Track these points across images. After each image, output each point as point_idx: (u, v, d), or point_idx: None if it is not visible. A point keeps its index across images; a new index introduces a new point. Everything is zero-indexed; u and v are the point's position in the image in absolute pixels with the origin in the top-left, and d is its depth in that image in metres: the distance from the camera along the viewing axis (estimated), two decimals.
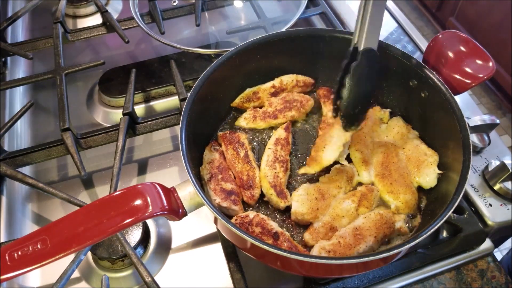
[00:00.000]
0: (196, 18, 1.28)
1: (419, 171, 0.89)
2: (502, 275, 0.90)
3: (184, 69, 1.18)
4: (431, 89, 0.90)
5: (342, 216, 0.84)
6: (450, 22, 3.38)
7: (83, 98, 1.22)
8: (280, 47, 1.01)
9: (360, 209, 0.85)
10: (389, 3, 1.40)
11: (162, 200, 0.71)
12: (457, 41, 0.91)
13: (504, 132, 3.09)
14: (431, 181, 0.88)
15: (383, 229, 0.80)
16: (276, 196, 0.87)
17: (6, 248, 0.63)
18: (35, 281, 0.90)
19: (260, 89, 1.04)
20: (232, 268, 0.85)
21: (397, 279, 0.88)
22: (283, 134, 0.97)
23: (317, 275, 0.85)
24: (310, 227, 0.84)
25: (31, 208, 1.01)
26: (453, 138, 0.83)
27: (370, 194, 0.87)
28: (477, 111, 1.11)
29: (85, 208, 0.68)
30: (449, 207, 0.72)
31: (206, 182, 0.88)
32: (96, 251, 0.86)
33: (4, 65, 1.28)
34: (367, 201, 0.86)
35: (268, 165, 0.91)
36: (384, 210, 0.85)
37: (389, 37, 1.30)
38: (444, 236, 0.93)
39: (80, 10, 1.41)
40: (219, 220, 0.71)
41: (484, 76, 0.86)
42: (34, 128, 1.17)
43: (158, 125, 1.06)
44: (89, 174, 1.06)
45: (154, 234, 0.93)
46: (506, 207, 0.94)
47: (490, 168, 0.97)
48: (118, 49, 1.36)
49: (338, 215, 0.84)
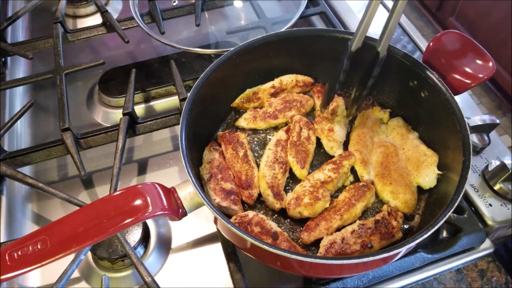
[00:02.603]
0: (196, 18, 1.28)
1: (418, 171, 0.89)
2: (502, 275, 0.90)
3: (184, 69, 1.18)
4: (431, 89, 0.90)
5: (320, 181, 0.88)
6: (450, 22, 3.38)
7: (83, 98, 1.22)
8: (280, 47, 1.01)
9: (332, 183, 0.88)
10: (389, 3, 1.40)
11: (162, 200, 0.71)
12: (457, 41, 0.91)
13: (504, 132, 3.09)
14: (430, 181, 0.88)
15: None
16: (272, 197, 0.87)
17: (6, 248, 0.63)
18: (35, 281, 0.90)
19: (260, 89, 1.04)
20: (232, 268, 0.85)
21: (397, 279, 0.88)
22: (284, 136, 0.97)
23: (317, 275, 0.85)
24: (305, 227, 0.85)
25: (31, 208, 1.01)
26: (453, 138, 0.83)
27: (346, 161, 0.91)
28: (477, 111, 1.11)
29: (85, 208, 0.68)
30: (449, 207, 0.72)
31: (206, 182, 0.88)
32: (96, 251, 0.86)
33: (4, 65, 1.28)
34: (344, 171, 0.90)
35: (267, 166, 0.91)
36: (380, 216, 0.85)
37: None
38: (444, 236, 0.93)
39: (80, 10, 1.41)
40: (219, 220, 0.71)
41: (484, 76, 0.87)
42: (34, 128, 1.17)
43: (158, 125, 1.06)
44: (89, 174, 1.06)
45: (154, 234, 0.93)
46: (506, 207, 0.94)
47: (490, 168, 0.97)
48: (118, 49, 1.36)
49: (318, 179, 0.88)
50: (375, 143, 0.96)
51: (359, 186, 0.89)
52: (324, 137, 0.97)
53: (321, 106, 0.99)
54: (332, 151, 0.96)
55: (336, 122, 0.99)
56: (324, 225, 0.83)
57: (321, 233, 0.82)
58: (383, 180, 0.89)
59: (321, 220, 0.84)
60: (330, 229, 0.83)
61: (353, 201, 0.86)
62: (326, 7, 1.36)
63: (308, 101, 1.03)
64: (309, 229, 0.83)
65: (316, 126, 1.00)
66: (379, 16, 0.86)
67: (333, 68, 1.06)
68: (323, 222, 0.83)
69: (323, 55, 1.04)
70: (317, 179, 0.89)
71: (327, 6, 1.37)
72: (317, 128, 0.99)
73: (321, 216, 0.85)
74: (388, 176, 0.89)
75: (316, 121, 1.00)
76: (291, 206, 0.85)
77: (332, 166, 0.91)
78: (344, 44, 0.88)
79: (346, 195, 0.88)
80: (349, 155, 0.93)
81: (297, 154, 0.93)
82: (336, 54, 1.03)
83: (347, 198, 0.87)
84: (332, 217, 0.84)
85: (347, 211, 0.84)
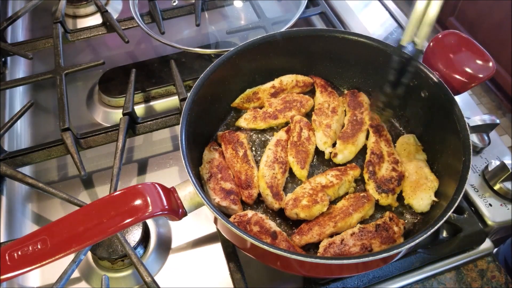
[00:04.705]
0: (196, 18, 1.28)
1: (414, 193, 0.88)
2: (502, 275, 0.90)
3: (184, 69, 1.18)
4: (431, 89, 0.90)
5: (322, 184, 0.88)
6: (450, 22, 3.38)
7: (83, 98, 1.22)
8: (280, 47, 1.01)
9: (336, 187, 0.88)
10: (389, 3, 1.40)
11: (162, 200, 0.71)
12: (457, 41, 0.91)
13: (504, 132, 3.09)
14: (424, 206, 0.86)
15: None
16: (271, 197, 0.87)
17: (6, 248, 0.63)
18: (35, 281, 0.90)
19: (260, 89, 1.04)
20: (232, 268, 0.85)
21: (397, 279, 0.88)
22: (284, 136, 0.97)
23: (317, 275, 0.85)
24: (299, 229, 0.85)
25: (31, 208, 1.01)
26: (453, 138, 0.83)
27: (351, 171, 0.91)
28: (477, 111, 1.11)
29: (85, 208, 0.68)
30: (449, 207, 0.72)
31: (206, 182, 0.88)
32: (96, 251, 0.86)
33: (4, 65, 1.28)
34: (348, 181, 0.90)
35: (267, 165, 0.91)
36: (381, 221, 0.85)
37: (389, 37, 1.30)
38: (444, 236, 0.93)
39: (80, 10, 1.41)
40: (219, 220, 0.71)
41: (484, 76, 0.86)
42: (34, 128, 1.17)
43: (158, 125, 1.06)
44: (89, 174, 1.06)
45: (154, 234, 0.93)
46: (506, 207, 0.94)
47: (490, 168, 0.97)
48: (118, 49, 1.36)
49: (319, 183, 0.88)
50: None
51: (359, 196, 0.88)
52: (320, 130, 0.97)
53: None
54: (324, 147, 0.96)
55: (335, 120, 0.99)
56: (316, 230, 0.82)
57: (312, 238, 0.82)
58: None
59: (315, 224, 0.83)
60: (322, 235, 0.82)
61: (351, 210, 0.85)
62: (326, 7, 1.36)
63: (308, 101, 1.03)
64: (301, 233, 0.83)
65: (314, 117, 1.00)
66: (379, 16, 0.86)
67: (333, 68, 1.07)
68: (317, 227, 0.83)
69: (323, 55, 1.04)
70: (318, 182, 0.88)
71: (327, 6, 1.37)
72: (315, 120, 0.99)
73: (316, 221, 0.84)
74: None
75: (316, 113, 1.00)
76: (289, 207, 0.85)
77: (336, 172, 0.91)
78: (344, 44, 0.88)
79: (345, 203, 0.87)
80: (355, 167, 0.93)
81: (297, 154, 0.93)
82: (336, 54, 1.04)
83: (345, 206, 0.86)
84: (326, 223, 0.83)
85: (342, 219, 0.84)
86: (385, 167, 0.92)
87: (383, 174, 0.91)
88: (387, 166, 0.92)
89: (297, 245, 0.82)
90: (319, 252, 0.80)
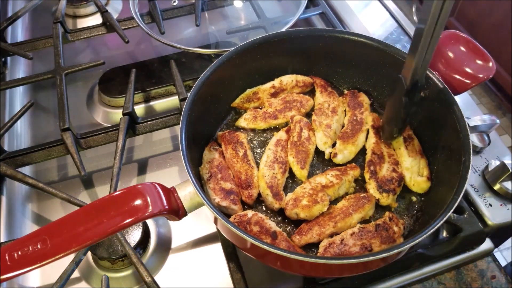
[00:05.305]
0: (196, 18, 1.29)
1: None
2: (502, 275, 0.90)
3: (184, 69, 1.18)
4: (431, 89, 0.90)
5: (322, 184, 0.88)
6: (450, 22, 3.38)
7: (83, 98, 1.22)
8: (280, 47, 1.01)
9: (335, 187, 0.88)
10: (389, 3, 1.40)
11: (162, 200, 0.71)
12: (457, 41, 0.91)
13: (504, 132, 3.09)
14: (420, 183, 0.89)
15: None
16: (271, 197, 0.87)
17: (6, 248, 0.63)
18: (35, 281, 0.90)
19: (260, 89, 1.04)
20: (232, 268, 0.85)
21: (397, 279, 0.88)
22: (284, 136, 0.97)
23: (317, 275, 0.85)
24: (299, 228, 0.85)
25: (31, 208, 1.01)
26: (453, 138, 0.83)
27: (351, 171, 0.91)
28: (477, 111, 1.11)
29: (85, 208, 0.68)
30: (449, 207, 0.72)
31: (206, 182, 0.88)
32: (96, 251, 0.86)
33: (4, 65, 1.28)
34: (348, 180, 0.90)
35: (267, 165, 0.91)
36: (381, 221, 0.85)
37: (389, 37, 1.30)
38: (444, 236, 0.93)
39: (80, 10, 1.41)
40: (219, 220, 0.71)
41: (484, 76, 0.86)
42: (34, 128, 1.17)
43: (158, 125, 1.06)
44: (89, 174, 1.06)
45: (154, 234, 0.93)
46: (506, 207, 0.94)
47: (490, 168, 0.97)
48: (118, 49, 1.36)
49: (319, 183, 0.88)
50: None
51: (359, 197, 0.87)
52: (320, 130, 0.97)
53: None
54: (324, 147, 0.95)
55: (335, 120, 0.99)
56: (316, 230, 0.82)
57: (312, 238, 0.82)
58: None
59: (315, 225, 0.83)
60: (322, 235, 0.82)
61: (351, 210, 0.85)
62: (326, 7, 1.36)
63: (308, 101, 1.03)
64: (301, 233, 0.83)
65: (314, 117, 1.00)
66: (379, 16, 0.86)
67: (333, 68, 1.07)
68: (317, 227, 0.83)
69: (323, 55, 1.04)
70: (319, 182, 0.88)
71: (327, 6, 1.37)
72: (315, 120, 0.99)
73: (316, 221, 0.84)
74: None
75: (316, 113, 1.00)
76: (289, 207, 0.85)
77: (336, 172, 0.91)
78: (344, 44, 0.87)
79: (345, 204, 0.87)
80: (355, 167, 0.93)
81: (297, 154, 0.93)
82: (336, 54, 1.04)
83: (345, 206, 0.86)
84: (326, 223, 0.83)
85: (342, 219, 0.83)
86: (386, 168, 0.92)
87: (384, 174, 0.91)
88: (387, 167, 0.92)
89: (297, 245, 0.82)
90: (319, 252, 0.80)
